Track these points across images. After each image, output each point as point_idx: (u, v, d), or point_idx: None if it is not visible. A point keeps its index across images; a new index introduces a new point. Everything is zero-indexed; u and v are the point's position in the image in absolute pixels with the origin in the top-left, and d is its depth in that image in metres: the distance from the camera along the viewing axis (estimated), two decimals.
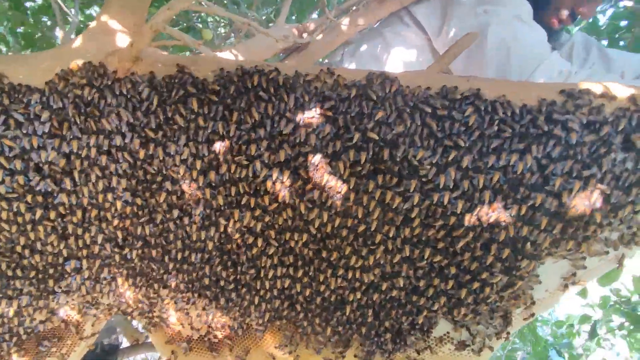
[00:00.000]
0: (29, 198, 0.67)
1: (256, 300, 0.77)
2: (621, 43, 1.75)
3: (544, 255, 0.63)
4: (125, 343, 2.17)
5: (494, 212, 0.60)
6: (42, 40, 2.02)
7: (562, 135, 0.58)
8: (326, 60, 1.30)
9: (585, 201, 0.57)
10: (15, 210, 0.67)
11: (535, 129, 0.58)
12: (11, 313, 0.78)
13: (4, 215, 0.68)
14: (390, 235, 0.65)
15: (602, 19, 1.94)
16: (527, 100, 0.61)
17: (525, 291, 0.67)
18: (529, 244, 0.61)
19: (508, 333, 0.71)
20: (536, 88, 0.63)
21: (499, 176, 0.59)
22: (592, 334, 2.37)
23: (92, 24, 0.71)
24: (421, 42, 1.10)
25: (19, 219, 0.69)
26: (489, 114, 0.60)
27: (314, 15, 2.09)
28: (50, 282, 0.77)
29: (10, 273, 0.75)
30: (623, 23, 1.77)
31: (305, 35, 1.03)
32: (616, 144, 0.57)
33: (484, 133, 0.59)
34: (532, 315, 0.68)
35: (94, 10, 2.36)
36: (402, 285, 0.69)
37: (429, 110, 0.60)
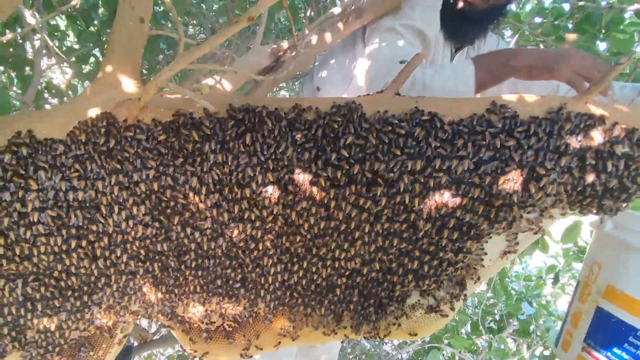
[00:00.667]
0: (64, 232, 0.79)
1: (262, 293, 0.93)
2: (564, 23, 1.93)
3: (484, 234, 0.81)
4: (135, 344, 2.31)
5: (443, 206, 0.77)
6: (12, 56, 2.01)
7: (489, 141, 0.74)
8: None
9: (509, 190, 0.75)
10: (52, 243, 0.80)
11: (467, 139, 0.75)
12: (53, 328, 0.92)
13: (42, 249, 0.80)
14: (366, 230, 0.82)
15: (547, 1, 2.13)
16: (462, 114, 0.78)
17: (475, 262, 0.86)
18: (472, 227, 0.79)
19: (465, 295, 0.90)
20: (469, 103, 0.79)
21: (446, 178, 0.76)
22: (555, 280, 2.68)
23: (99, 75, 0.82)
24: None
25: (56, 249, 0.81)
26: (433, 129, 0.76)
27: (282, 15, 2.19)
28: (85, 297, 0.90)
29: (49, 295, 0.88)
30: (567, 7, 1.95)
31: (280, 53, 1.16)
32: (530, 145, 0.74)
33: (431, 145, 0.76)
34: (479, 279, 0.87)
35: (60, 19, 2.36)
36: (379, 268, 0.86)
37: (386, 130, 0.76)
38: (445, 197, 0.77)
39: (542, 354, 3.01)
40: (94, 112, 0.77)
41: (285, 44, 1.22)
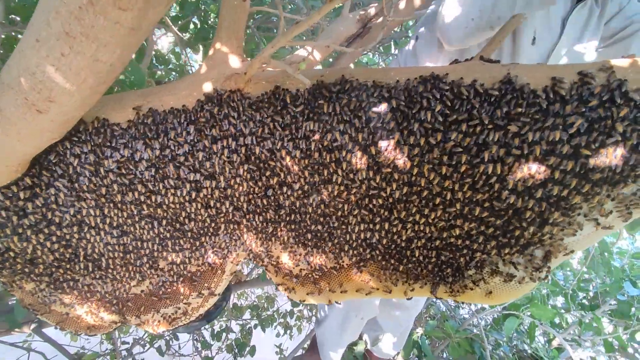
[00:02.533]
0: (187, 186, 0.97)
1: (346, 247, 1.03)
2: None
3: (576, 208, 0.78)
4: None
5: (530, 178, 0.76)
6: None
7: (586, 112, 0.71)
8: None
9: (608, 164, 0.71)
10: (179, 194, 0.98)
11: (556, 111, 0.72)
12: (178, 261, 1.14)
13: (171, 198, 0.99)
14: (447, 197, 0.85)
15: None
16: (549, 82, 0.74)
17: (563, 236, 0.84)
18: (561, 200, 0.77)
19: (549, 268, 0.89)
20: (568, 71, 0.75)
21: (538, 149, 0.75)
22: None
23: (210, 52, 0.94)
24: None
25: (182, 199, 1.00)
26: (524, 100, 0.74)
27: None
28: (202, 239, 1.10)
29: (175, 235, 1.09)
30: None
31: (367, 20, 1.18)
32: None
33: (520, 115, 0.74)
34: (572, 251, 0.85)
35: None
36: (458, 234, 0.90)
37: (475, 99, 0.76)
38: (533, 169, 0.76)
39: None
40: (208, 86, 0.90)
41: (372, 11, 1.22)
